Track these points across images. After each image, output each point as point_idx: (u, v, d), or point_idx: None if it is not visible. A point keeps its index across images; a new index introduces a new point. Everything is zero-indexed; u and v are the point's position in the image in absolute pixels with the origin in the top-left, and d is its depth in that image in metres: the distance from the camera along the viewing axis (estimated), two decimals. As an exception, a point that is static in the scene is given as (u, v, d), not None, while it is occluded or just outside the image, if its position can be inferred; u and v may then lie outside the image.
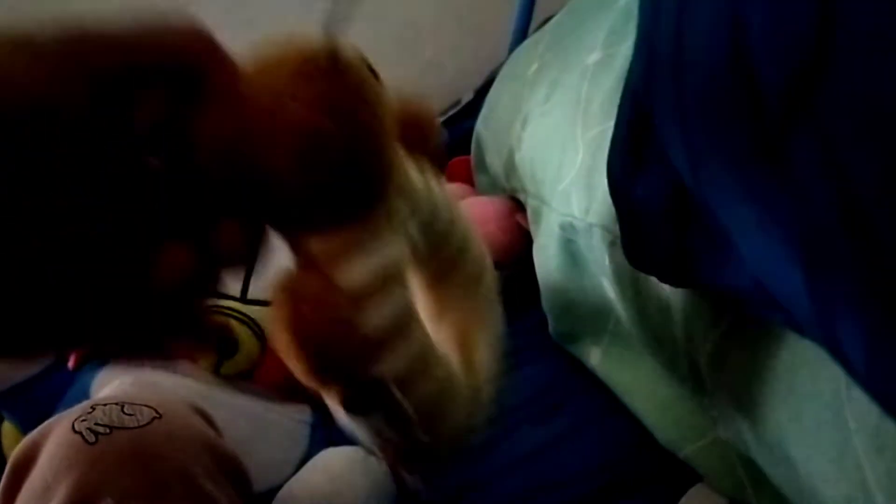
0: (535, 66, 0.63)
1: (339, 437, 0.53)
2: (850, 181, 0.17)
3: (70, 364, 0.58)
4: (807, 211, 0.19)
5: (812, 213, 0.18)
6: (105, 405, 0.36)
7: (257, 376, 0.56)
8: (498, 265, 0.65)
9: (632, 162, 0.29)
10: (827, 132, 0.18)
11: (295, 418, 0.54)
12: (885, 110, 0.17)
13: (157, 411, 0.37)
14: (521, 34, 0.85)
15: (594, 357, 0.52)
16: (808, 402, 0.27)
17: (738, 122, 0.20)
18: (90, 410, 0.36)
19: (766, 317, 0.28)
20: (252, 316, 0.53)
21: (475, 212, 0.67)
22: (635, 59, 0.28)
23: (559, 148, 0.50)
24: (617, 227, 0.38)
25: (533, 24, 0.85)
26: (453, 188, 0.79)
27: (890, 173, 0.17)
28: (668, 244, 0.29)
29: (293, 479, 0.49)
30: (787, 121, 0.18)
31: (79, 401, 0.49)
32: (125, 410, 0.36)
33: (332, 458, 0.49)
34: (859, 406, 0.25)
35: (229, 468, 0.41)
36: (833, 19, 0.17)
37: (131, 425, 0.36)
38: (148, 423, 0.36)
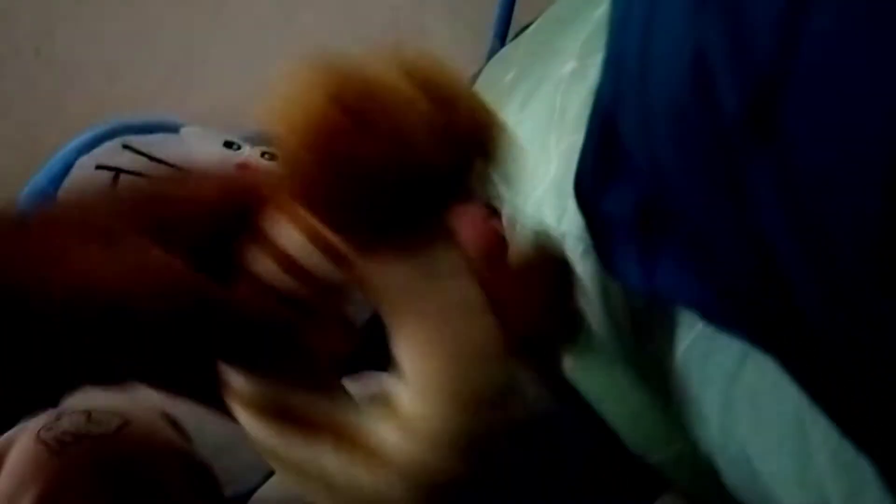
0: (511, 74, 0.63)
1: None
2: (806, 210, 0.17)
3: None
4: (763, 238, 0.19)
5: (769, 240, 0.19)
6: (71, 413, 0.36)
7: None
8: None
9: (600, 176, 0.29)
10: (785, 159, 0.18)
11: (268, 424, 0.54)
12: (843, 137, 0.17)
13: (124, 419, 0.37)
14: (500, 41, 0.85)
15: (566, 363, 0.52)
16: (772, 418, 0.27)
17: (702, 146, 0.20)
18: (55, 419, 0.36)
19: (729, 333, 0.28)
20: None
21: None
22: (603, 74, 0.29)
23: (533, 157, 0.50)
24: (588, 236, 0.38)
25: (511, 31, 0.85)
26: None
27: (844, 198, 0.17)
28: (635, 257, 0.30)
29: (266, 484, 0.49)
30: (748, 146, 0.19)
31: (49, 406, 0.49)
32: (92, 418, 0.36)
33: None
34: (821, 423, 0.25)
35: (199, 475, 0.40)
36: (792, 41, 0.18)
37: (97, 434, 0.35)
38: (115, 432, 0.36)
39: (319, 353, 0.28)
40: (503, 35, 0.86)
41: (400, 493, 0.25)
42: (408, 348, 0.26)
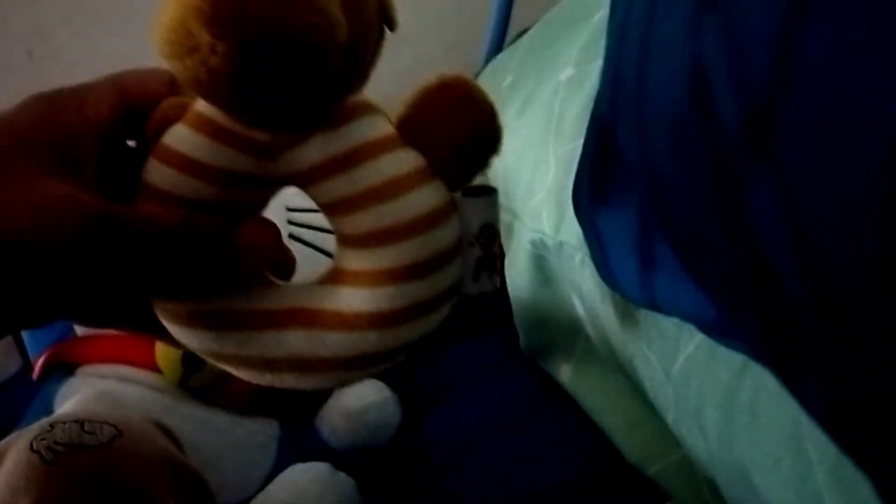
0: (509, 80, 0.63)
1: (308, 453, 0.53)
2: (804, 224, 0.17)
3: (34, 375, 0.57)
4: (761, 250, 0.19)
5: (767, 253, 0.19)
6: (65, 423, 0.36)
7: (225, 388, 0.56)
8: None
9: (598, 186, 0.29)
10: (784, 172, 0.18)
11: (263, 432, 0.54)
12: (840, 151, 0.17)
13: (117, 429, 0.37)
14: (497, 46, 0.85)
15: (564, 373, 0.52)
16: (770, 431, 0.27)
17: (701, 159, 0.20)
18: (49, 429, 0.35)
19: (728, 346, 0.28)
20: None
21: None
22: (602, 83, 0.29)
23: (531, 163, 0.50)
24: (586, 246, 0.38)
25: (508, 37, 0.85)
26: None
27: (842, 212, 0.17)
28: (633, 268, 0.29)
29: (259, 495, 0.48)
30: (746, 159, 0.19)
31: (42, 413, 0.48)
32: (85, 428, 0.36)
33: (300, 475, 0.49)
34: (820, 438, 0.25)
35: (192, 486, 0.40)
36: (790, 56, 0.18)
37: (91, 444, 0.35)
38: (108, 442, 0.36)
39: (244, 251, 0.27)
40: (500, 40, 0.86)
41: (375, 344, 0.26)
42: (344, 227, 0.26)
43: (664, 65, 0.22)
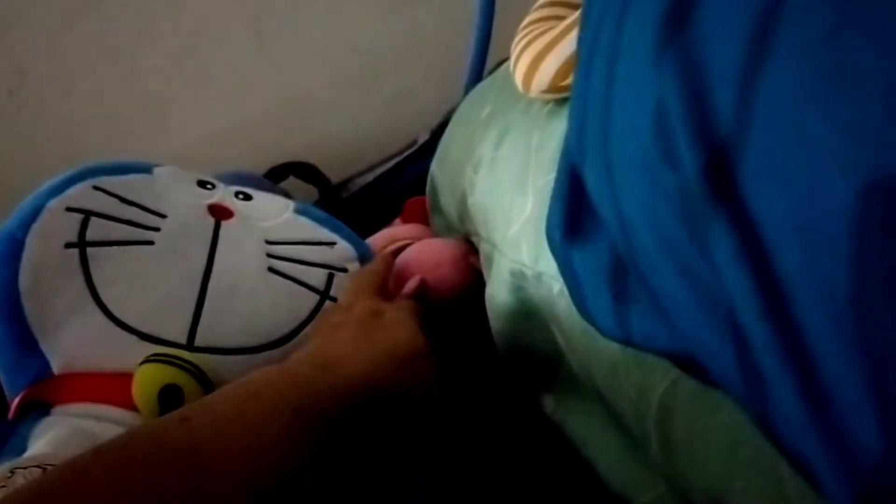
0: (487, 110, 0.63)
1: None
2: (768, 267, 0.17)
3: (10, 414, 0.56)
4: (729, 294, 0.18)
5: (731, 296, 0.18)
6: (25, 468, 0.35)
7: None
8: (450, 302, 0.65)
9: (570, 226, 0.29)
10: (745, 215, 0.17)
11: (242, 470, 0.53)
12: (803, 193, 0.17)
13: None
14: (476, 76, 0.85)
15: (548, 404, 0.51)
16: (749, 466, 0.27)
17: (666, 201, 0.20)
18: (9, 475, 0.34)
19: (705, 382, 0.28)
20: (198, 364, 0.52)
21: (430, 253, 0.67)
22: (570, 122, 0.28)
23: (510, 194, 0.50)
24: (563, 281, 0.38)
25: (488, 66, 0.85)
26: (409, 228, 0.79)
27: (807, 253, 0.17)
28: (608, 305, 0.29)
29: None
30: (709, 203, 0.18)
31: (17, 454, 0.47)
32: (48, 473, 0.35)
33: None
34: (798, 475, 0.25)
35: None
36: (750, 102, 0.17)
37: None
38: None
39: None
40: (479, 70, 0.86)
41: None
42: None
43: (628, 104, 0.21)
